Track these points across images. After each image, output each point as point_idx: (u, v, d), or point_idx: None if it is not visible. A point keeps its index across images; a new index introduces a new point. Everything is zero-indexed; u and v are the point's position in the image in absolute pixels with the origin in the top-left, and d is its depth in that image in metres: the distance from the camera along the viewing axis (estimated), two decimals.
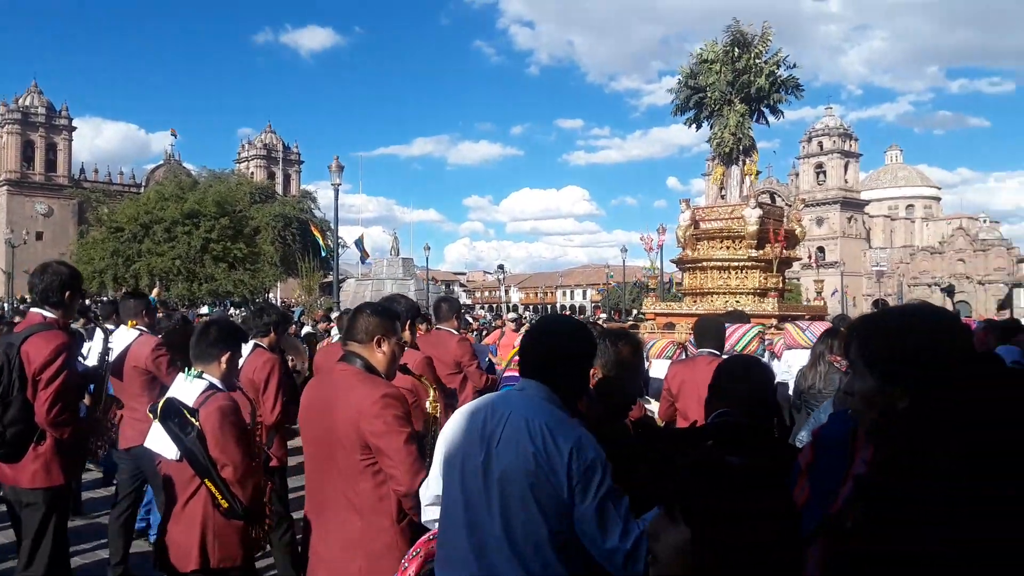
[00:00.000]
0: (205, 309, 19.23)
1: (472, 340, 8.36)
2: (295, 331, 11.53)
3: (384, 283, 36.01)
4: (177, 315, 10.42)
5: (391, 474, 2.63)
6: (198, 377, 3.25)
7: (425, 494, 2.47)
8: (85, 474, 6.58)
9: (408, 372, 3.34)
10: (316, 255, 41.09)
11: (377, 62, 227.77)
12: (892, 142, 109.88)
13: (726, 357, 3.96)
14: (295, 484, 6.07)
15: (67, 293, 3.92)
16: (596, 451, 2.10)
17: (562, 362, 2.24)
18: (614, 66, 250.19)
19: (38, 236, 66.94)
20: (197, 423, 3.04)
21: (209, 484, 3.05)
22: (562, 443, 2.05)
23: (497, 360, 8.90)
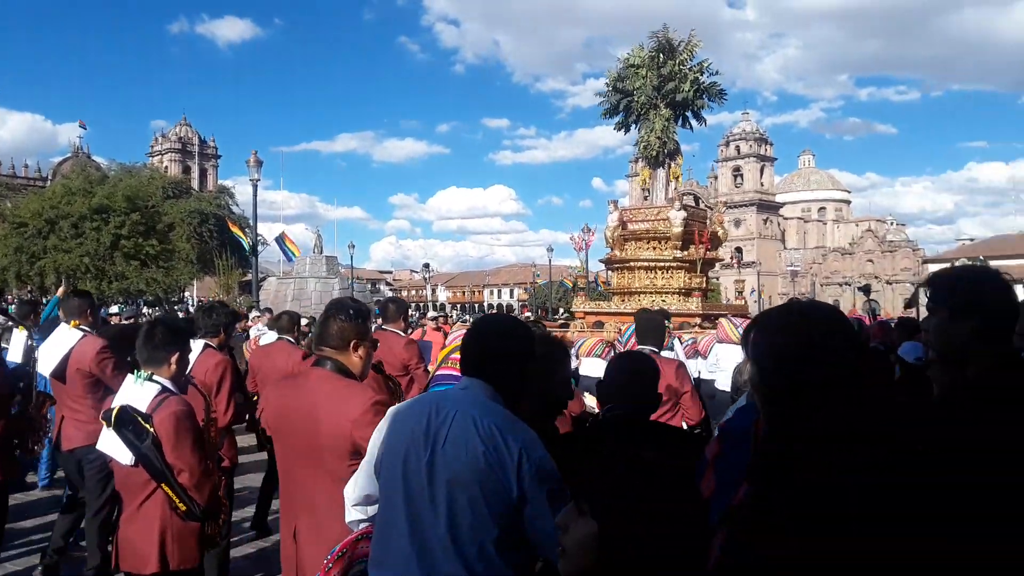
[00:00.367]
0: (115, 308, 18.36)
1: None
2: None
3: (307, 281, 35.19)
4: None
5: None
6: (149, 380, 3.20)
7: (351, 494, 2.41)
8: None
9: (380, 371, 3.34)
10: (234, 253, 39.87)
11: (298, 56, 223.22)
12: (805, 147, 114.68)
13: (621, 355, 4.04)
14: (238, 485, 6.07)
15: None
16: (544, 450, 2.10)
17: (504, 361, 2.24)
18: (540, 67, 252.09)
19: None
20: (152, 429, 3.02)
21: (166, 488, 3.06)
22: (512, 443, 2.04)
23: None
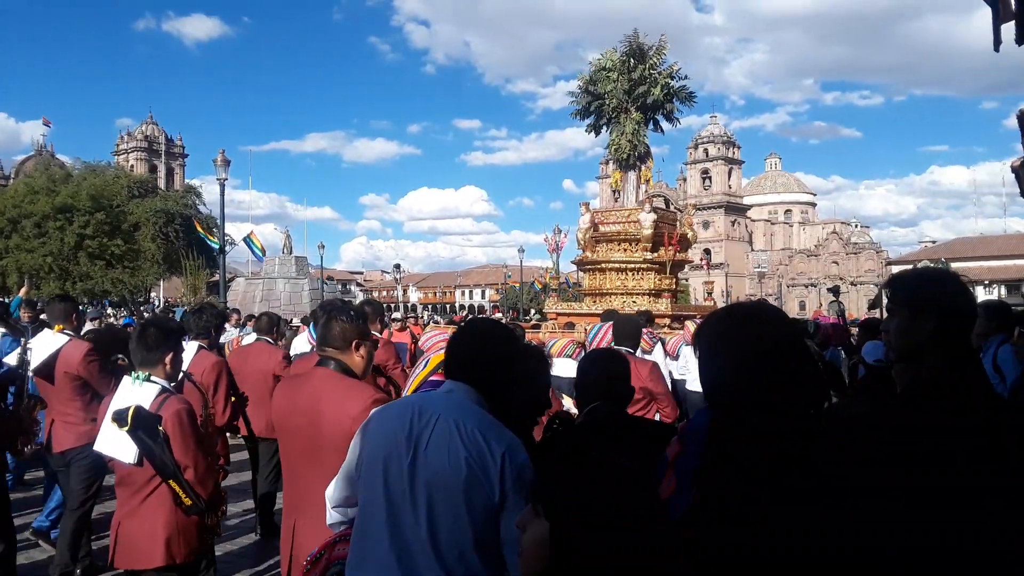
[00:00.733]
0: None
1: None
2: None
3: (276, 282, 34.91)
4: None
5: None
6: (147, 381, 3.27)
7: (332, 495, 2.41)
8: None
9: (380, 372, 3.40)
10: (201, 253, 39.35)
11: (267, 55, 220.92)
12: (772, 150, 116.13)
13: (590, 352, 4.06)
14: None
15: None
16: (526, 455, 2.10)
17: (489, 365, 2.23)
18: (510, 69, 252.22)
19: None
20: (163, 429, 3.12)
21: (174, 484, 3.14)
22: (495, 447, 2.04)
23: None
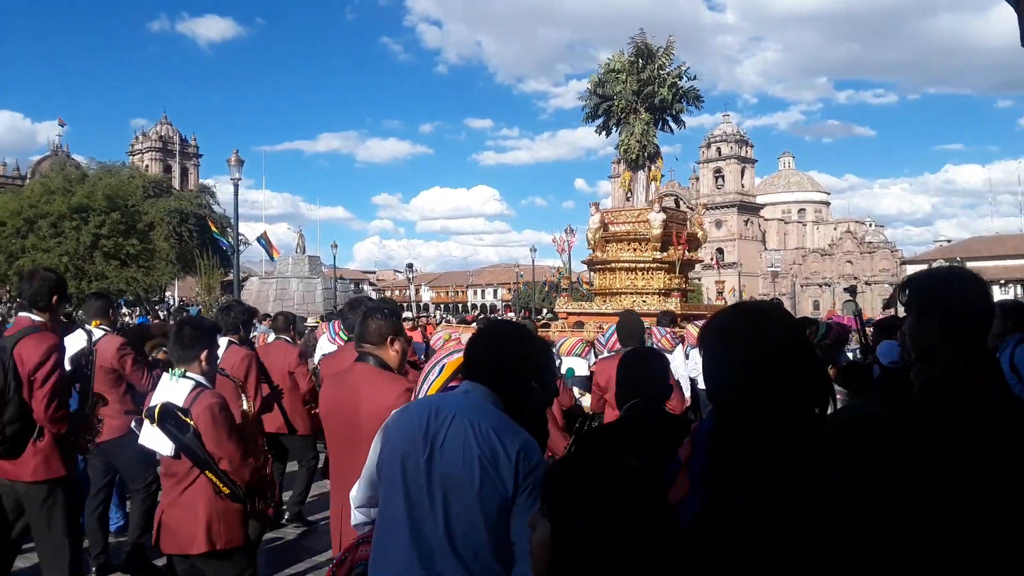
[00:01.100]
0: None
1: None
2: None
3: (289, 281, 35.11)
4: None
5: None
6: (183, 377, 3.45)
7: (356, 496, 2.44)
8: None
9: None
10: (215, 252, 39.59)
11: (280, 55, 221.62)
12: (785, 149, 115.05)
13: (630, 351, 4.21)
14: None
15: (54, 297, 4.17)
16: (541, 455, 2.13)
17: (506, 367, 2.26)
18: (522, 68, 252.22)
19: None
20: (192, 423, 3.27)
21: (210, 475, 3.31)
22: (509, 446, 2.07)
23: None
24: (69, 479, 4.15)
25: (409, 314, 20.57)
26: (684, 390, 6.44)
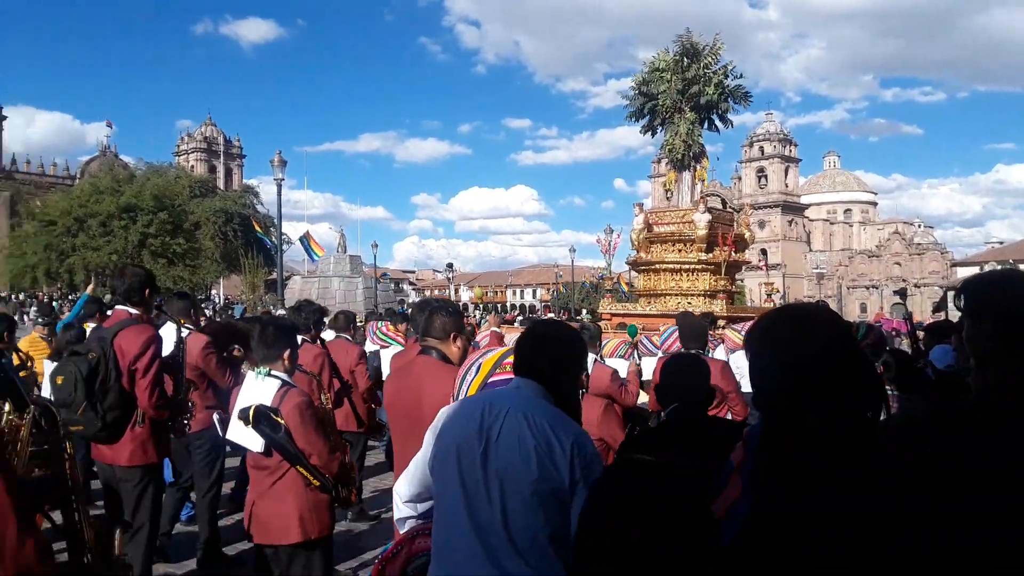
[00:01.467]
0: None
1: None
2: None
3: (331, 280, 35.46)
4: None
5: None
6: (268, 375, 3.62)
7: (403, 491, 2.49)
8: None
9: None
10: (259, 251, 40.27)
11: (321, 56, 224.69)
12: (830, 148, 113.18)
13: (669, 355, 4.22)
14: None
15: (146, 291, 4.35)
16: (594, 447, 2.19)
17: (556, 363, 2.33)
18: (560, 67, 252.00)
19: None
20: (283, 421, 3.42)
21: (301, 470, 3.45)
22: (564, 439, 2.11)
23: None
24: (160, 465, 4.42)
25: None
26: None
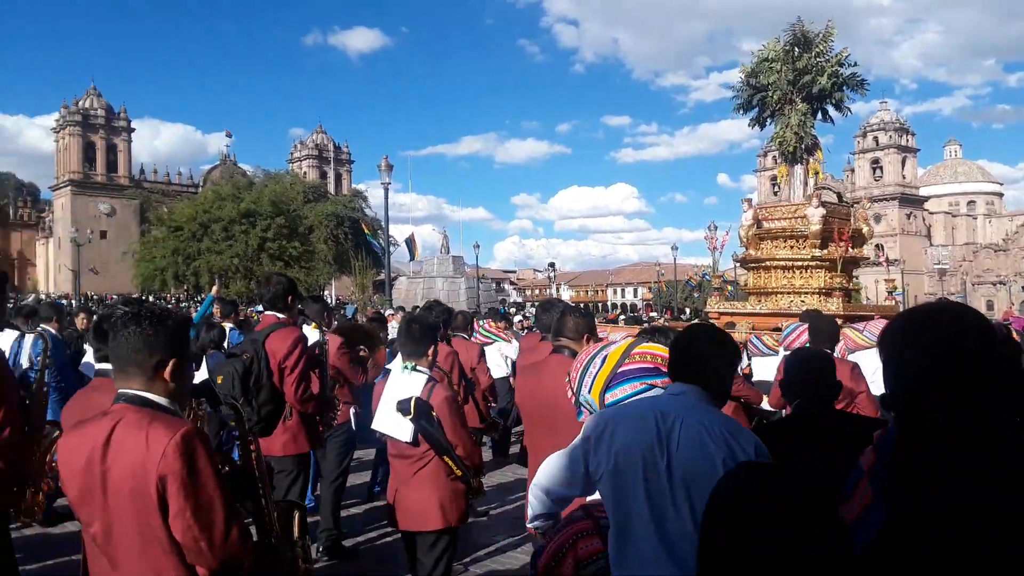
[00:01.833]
0: (262, 307, 19.48)
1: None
2: None
3: (435, 281, 36.27)
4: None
5: None
6: (414, 370, 3.84)
7: (545, 489, 2.52)
8: None
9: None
10: (368, 253, 41.67)
11: (424, 62, 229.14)
12: (950, 136, 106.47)
13: (793, 352, 4.18)
14: None
15: (290, 298, 4.74)
16: (767, 452, 2.22)
17: (716, 368, 2.37)
18: (660, 63, 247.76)
19: (102, 235, 69.15)
20: (435, 415, 3.65)
21: (448, 460, 3.67)
22: (745, 446, 2.15)
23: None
24: (310, 456, 4.76)
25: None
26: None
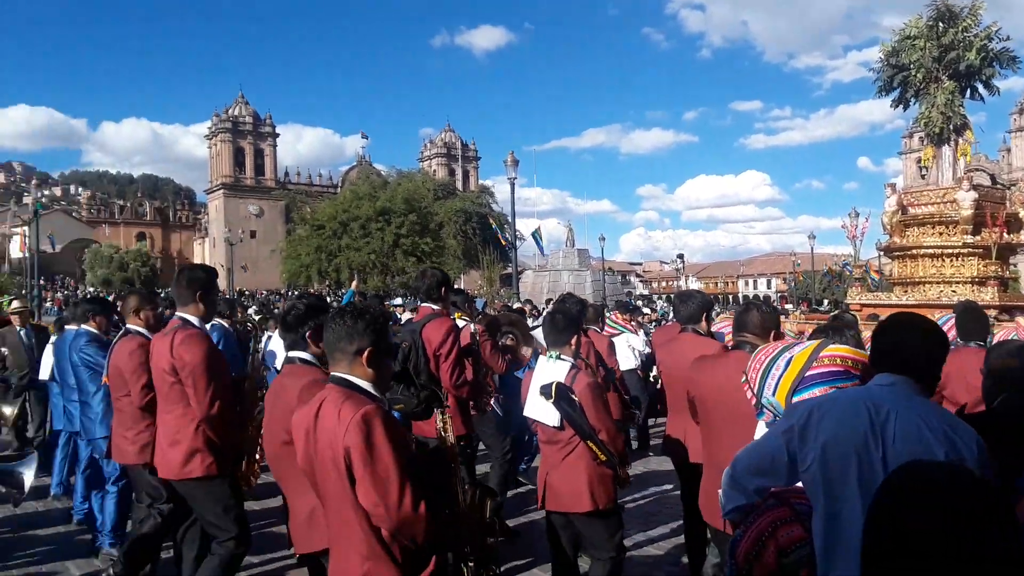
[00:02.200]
0: (399, 300, 20.54)
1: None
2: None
3: (561, 274, 36.58)
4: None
5: None
6: (558, 359, 4.02)
7: (742, 481, 2.51)
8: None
9: None
10: (496, 248, 42.50)
11: (548, 57, 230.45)
12: None
13: (995, 344, 3.98)
14: None
15: (443, 289, 5.08)
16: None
17: (928, 360, 2.31)
18: (793, 44, 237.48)
19: (251, 235, 73.96)
20: (577, 399, 3.80)
21: (591, 445, 3.81)
22: (968, 440, 2.09)
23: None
24: (469, 436, 5.04)
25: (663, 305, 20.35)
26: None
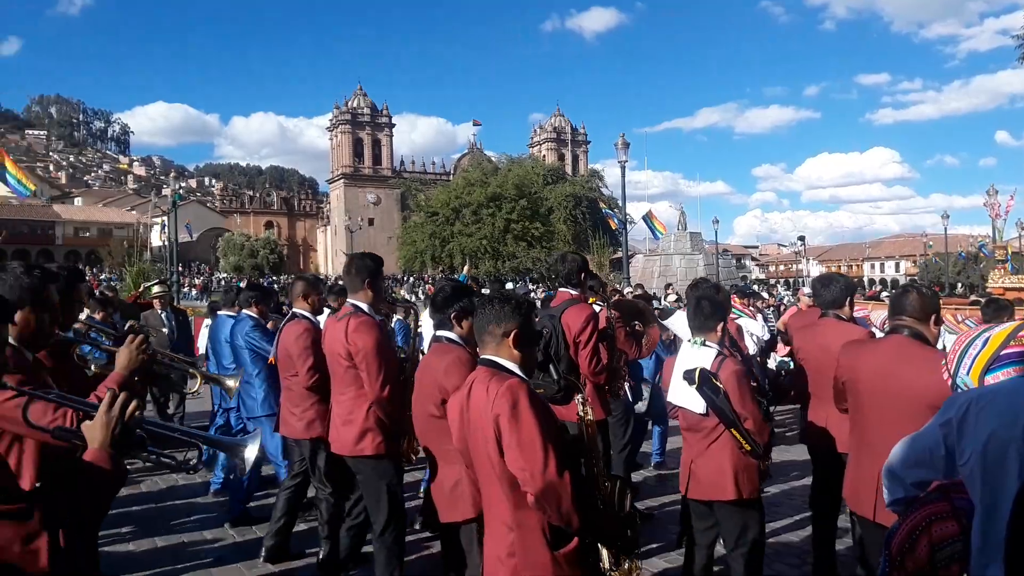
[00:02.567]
0: (510, 285, 20.68)
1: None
2: None
3: (672, 258, 35.83)
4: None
5: None
6: (703, 345, 3.97)
7: (904, 474, 2.36)
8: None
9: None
10: (605, 232, 42.12)
11: (659, 36, 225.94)
12: None
13: None
14: None
15: (582, 275, 5.17)
16: None
17: None
18: (924, 12, 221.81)
19: (370, 222, 76.41)
20: (721, 386, 3.75)
21: (735, 433, 3.74)
22: None
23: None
24: (606, 422, 5.11)
25: (808, 290, 19.45)
26: None
